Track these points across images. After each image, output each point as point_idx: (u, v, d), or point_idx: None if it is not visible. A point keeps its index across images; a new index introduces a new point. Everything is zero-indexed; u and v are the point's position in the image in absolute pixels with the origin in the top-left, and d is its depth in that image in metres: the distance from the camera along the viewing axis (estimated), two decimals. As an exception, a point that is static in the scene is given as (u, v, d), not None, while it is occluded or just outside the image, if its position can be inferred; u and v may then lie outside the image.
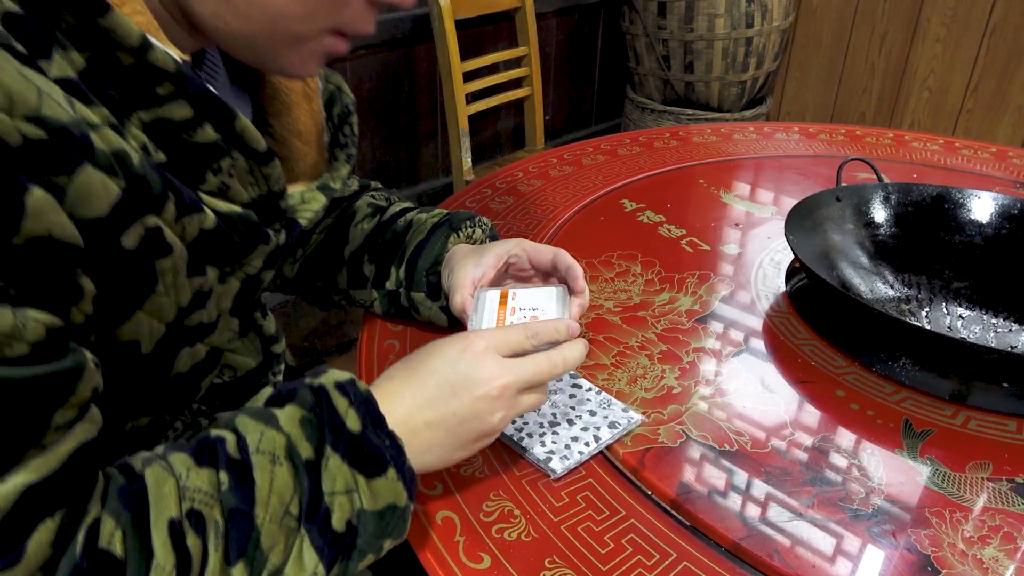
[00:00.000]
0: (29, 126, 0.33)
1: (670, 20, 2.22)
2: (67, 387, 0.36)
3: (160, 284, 0.43)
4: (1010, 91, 2.25)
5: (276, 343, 0.61)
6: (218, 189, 0.47)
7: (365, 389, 0.47)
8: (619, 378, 0.66)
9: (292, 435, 0.43)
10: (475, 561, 0.49)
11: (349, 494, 0.43)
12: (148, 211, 0.40)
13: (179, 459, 0.42)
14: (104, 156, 0.37)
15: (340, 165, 0.62)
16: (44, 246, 0.34)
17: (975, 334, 0.78)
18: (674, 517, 0.53)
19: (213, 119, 0.44)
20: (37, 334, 0.34)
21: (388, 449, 0.45)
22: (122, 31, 0.38)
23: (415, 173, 2.15)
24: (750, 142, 1.26)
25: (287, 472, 0.42)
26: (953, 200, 0.86)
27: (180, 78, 0.41)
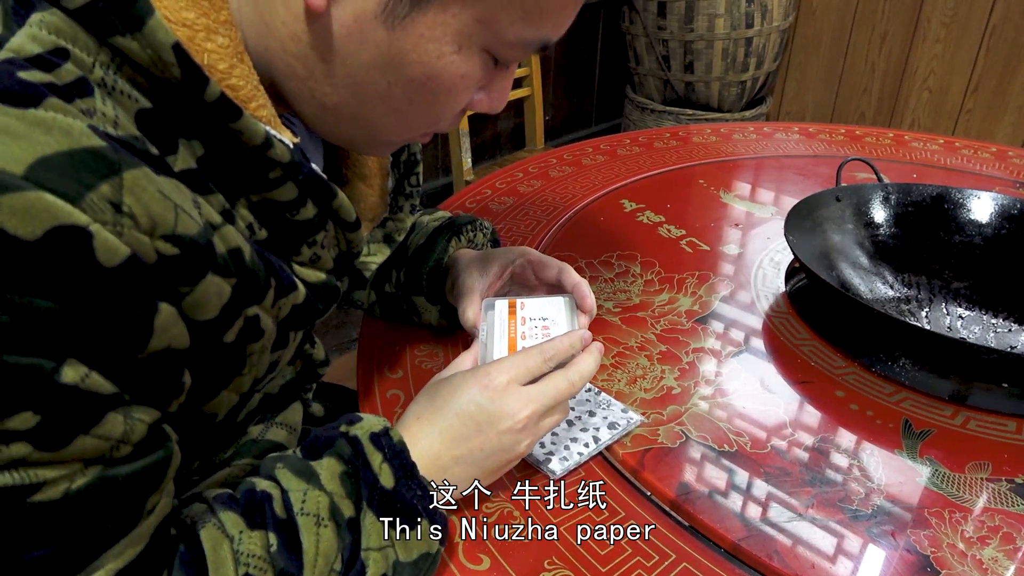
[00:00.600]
0: (166, 244, 0.35)
1: (670, 20, 2.22)
2: (160, 475, 0.38)
3: (246, 364, 0.45)
4: (1010, 91, 2.25)
5: (324, 366, 0.62)
6: (310, 260, 0.49)
7: (399, 440, 0.48)
8: (619, 379, 0.66)
9: (335, 494, 0.45)
10: (475, 562, 0.49)
11: (383, 550, 0.44)
12: (251, 303, 0.42)
13: (231, 520, 0.42)
14: (222, 258, 0.39)
15: (404, 216, 0.64)
16: (162, 357, 0.36)
17: (975, 334, 0.78)
18: (674, 518, 0.53)
19: (315, 197, 0.46)
20: (141, 435, 0.36)
21: (420, 500, 0.46)
22: (249, 132, 0.40)
23: (415, 173, 2.15)
24: (750, 142, 1.26)
25: (331, 533, 0.43)
26: (953, 200, 0.86)
27: (292, 166, 0.43)
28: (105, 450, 0.34)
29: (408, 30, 0.41)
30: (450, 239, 0.70)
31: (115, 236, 0.32)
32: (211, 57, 0.39)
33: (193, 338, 0.38)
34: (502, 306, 0.62)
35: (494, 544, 0.50)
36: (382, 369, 0.68)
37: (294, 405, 0.59)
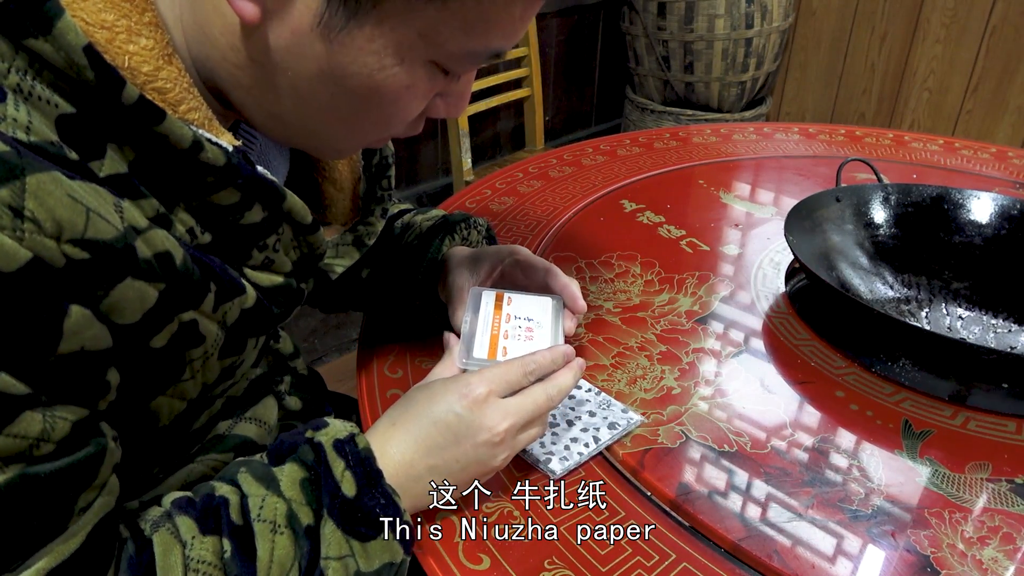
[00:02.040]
0: (75, 249, 0.34)
1: (670, 21, 2.22)
2: (91, 472, 0.37)
3: (187, 371, 0.44)
4: (1010, 92, 2.25)
5: (295, 359, 0.61)
6: (262, 263, 0.48)
7: (364, 447, 0.47)
8: (619, 379, 0.66)
9: (293, 501, 0.44)
10: (475, 562, 0.49)
11: (343, 560, 0.44)
12: (185, 308, 0.41)
13: (185, 524, 0.42)
14: (146, 262, 0.38)
15: (375, 220, 0.63)
16: (77, 358, 0.35)
17: (975, 335, 0.78)
18: (674, 518, 0.53)
19: (262, 199, 0.45)
20: (63, 432, 0.35)
21: (384, 509, 0.45)
22: (175, 136, 0.39)
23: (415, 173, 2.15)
24: (750, 143, 1.26)
25: (287, 540, 0.43)
26: (953, 201, 0.86)
27: (229, 169, 0.42)
28: (23, 448, 0.34)
29: (346, 43, 0.40)
30: (443, 239, 0.69)
31: (14, 241, 0.32)
32: (134, 60, 0.38)
33: (116, 340, 0.38)
34: (489, 298, 0.62)
35: (494, 544, 0.50)
36: (382, 369, 0.68)
37: (266, 400, 0.58)
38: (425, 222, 0.73)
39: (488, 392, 0.51)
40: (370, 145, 0.52)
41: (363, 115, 0.45)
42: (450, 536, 0.51)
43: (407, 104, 0.45)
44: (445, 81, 0.46)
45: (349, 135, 0.47)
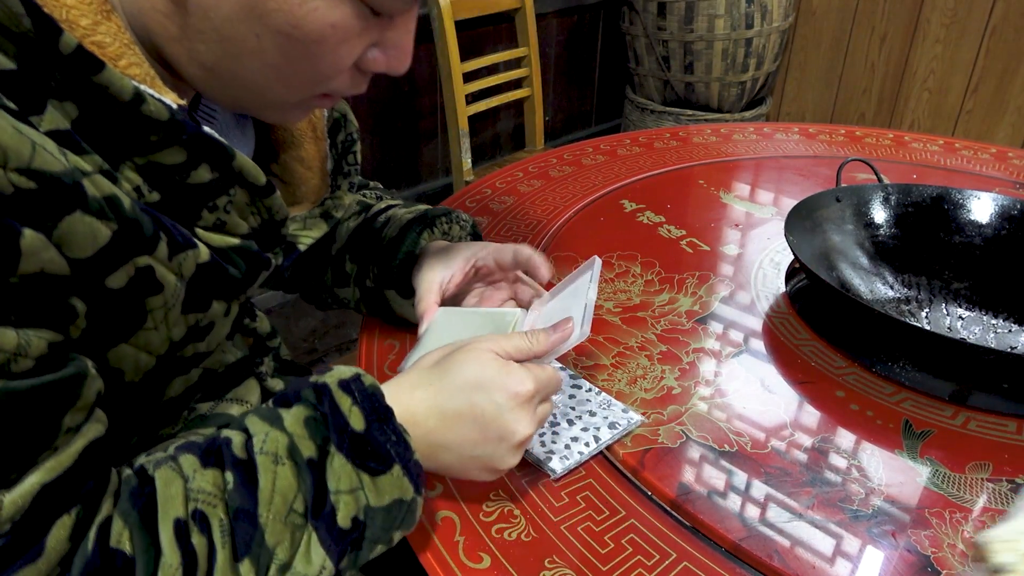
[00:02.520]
0: (21, 177, 0.34)
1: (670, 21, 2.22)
2: (73, 392, 0.38)
3: (149, 320, 0.44)
4: (1010, 92, 2.26)
5: (272, 338, 0.62)
6: (214, 224, 0.48)
7: (371, 384, 0.47)
8: (619, 378, 0.66)
9: (295, 435, 0.44)
10: (475, 561, 0.49)
11: (353, 492, 0.44)
12: (139, 252, 0.41)
13: (188, 460, 0.43)
14: (96, 201, 0.38)
15: (343, 194, 0.64)
16: (39, 280, 0.36)
17: (975, 335, 0.78)
18: (674, 517, 0.53)
19: (210, 159, 0.45)
20: (40, 349, 0.36)
21: (394, 445, 0.45)
22: (115, 87, 0.39)
23: (415, 173, 2.15)
24: (750, 143, 1.26)
25: (289, 471, 0.43)
26: (953, 201, 0.86)
27: (174, 125, 0.42)
28: (1, 361, 0.34)
29: None
30: (421, 231, 0.69)
31: None
32: (71, 13, 0.39)
33: (73, 271, 0.38)
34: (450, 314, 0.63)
35: (494, 543, 0.50)
36: (382, 369, 0.68)
37: (247, 382, 0.59)
38: (406, 215, 0.72)
39: (533, 393, 0.50)
40: (314, 105, 0.50)
41: (292, 58, 0.44)
42: (450, 535, 0.51)
43: (335, 46, 0.44)
44: (378, 26, 0.45)
45: (283, 85, 0.46)
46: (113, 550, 0.38)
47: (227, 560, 0.40)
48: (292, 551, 0.42)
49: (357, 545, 0.44)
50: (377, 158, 2.03)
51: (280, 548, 0.41)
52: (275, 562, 0.41)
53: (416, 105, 2.07)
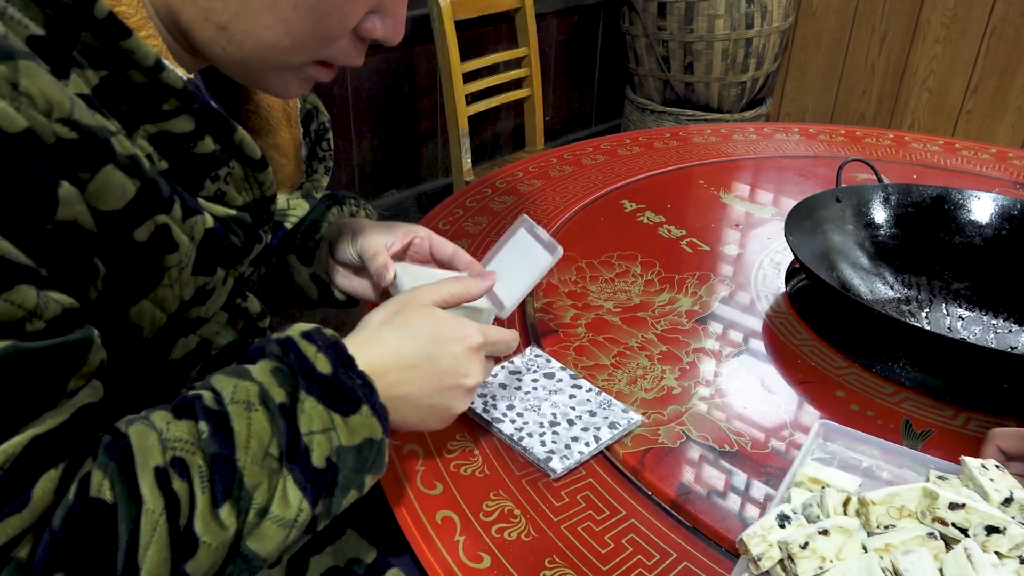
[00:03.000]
0: (64, 128, 0.37)
1: (670, 21, 2.22)
2: (81, 356, 0.39)
3: (166, 277, 0.46)
4: (1010, 92, 2.26)
5: (263, 319, 0.63)
6: (215, 195, 0.50)
7: (332, 334, 0.49)
8: (619, 379, 0.66)
9: (264, 383, 0.45)
10: (475, 561, 0.49)
11: (326, 432, 0.45)
12: (159, 210, 0.44)
13: (159, 416, 0.43)
14: (123, 157, 0.41)
15: (320, 177, 0.67)
16: (70, 231, 0.38)
17: (975, 335, 0.78)
18: (674, 517, 0.53)
19: (213, 131, 0.48)
20: (55, 312, 0.37)
21: (360, 388, 0.47)
22: (141, 53, 0.42)
23: (415, 173, 2.15)
24: (750, 143, 1.26)
25: (263, 416, 0.44)
26: (953, 201, 0.86)
27: (186, 95, 0.45)
28: (17, 317, 0.35)
29: None
30: (330, 206, 0.71)
31: (14, 109, 0.34)
32: None
33: (101, 228, 0.40)
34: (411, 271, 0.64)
35: (494, 543, 0.50)
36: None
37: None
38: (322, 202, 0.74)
39: (481, 345, 0.53)
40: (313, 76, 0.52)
41: (303, 13, 0.46)
42: (450, 535, 0.51)
43: (341, 4, 0.47)
44: None
45: (289, 43, 0.48)
46: (94, 499, 0.38)
47: (207, 504, 0.41)
48: (269, 494, 0.43)
49: (331, 490, 0.45)
50: (377, 158, 2.03)
51: (258, 492, 0.42)
52: (254, 505, 0.42)
53: (416, 105, 2.07)
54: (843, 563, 0.43)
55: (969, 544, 0.43)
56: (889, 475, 0.55)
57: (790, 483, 0.52)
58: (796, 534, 0.44)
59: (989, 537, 0.44)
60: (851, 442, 0.57)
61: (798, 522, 0.46)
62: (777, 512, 0.47)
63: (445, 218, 0.96)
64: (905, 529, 0.46)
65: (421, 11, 1.90)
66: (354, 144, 1.96)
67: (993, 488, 0.48)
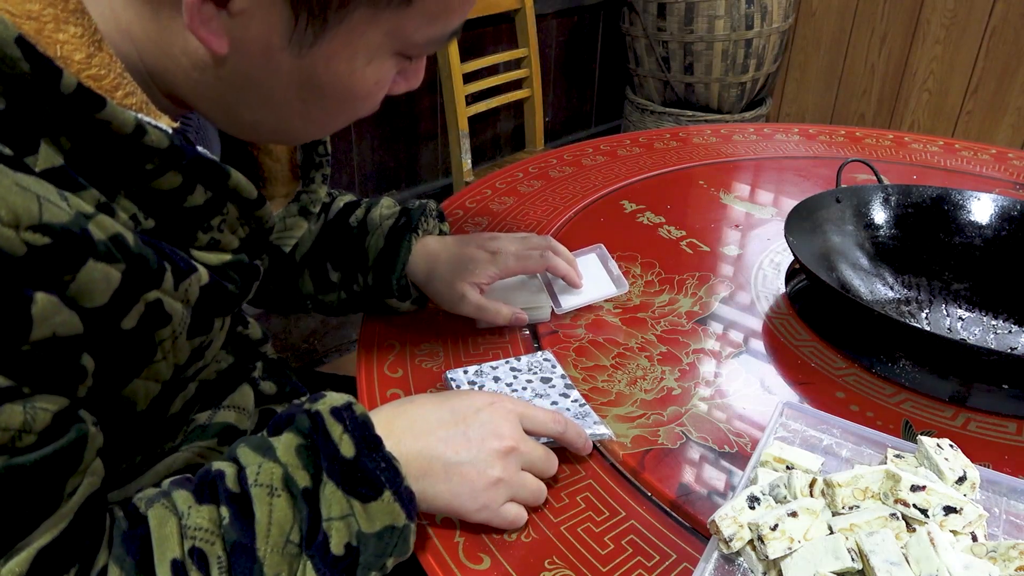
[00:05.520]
0: (34, 235, 0.34)
1: (670, 22, 2.22)
2: (76, 456, 0.38)
3: (159, 352, 0.44)
4: (1010, 93, 2.26)
5: (263, 344, 0.62)
6: (208, 244, 0.48)
7: (362, 412, 0.47)
8: (619, 379, 0.66)
9: (289, 465, 0.44)
10: (475, 561, 0.49)
11: (345, 519, 0.44)
12: (148, 287, 0.41)
13: (181, 497, 0.43)
14: (103, 244, 0.38)
15: (317, 187, 0.63)
16: (50, 344, 0.36)
17: (975, 335, 0.78)
18: (674, 518, 0.53)
19: (204, 180, 0.45)
20: (44, 422, 0.36)
21: (384, 472, 0.45)
22: (118, 122, 0.39)
23: (415, 174, 2.15)
24: (750, 143, 1.26)
25: (285, 502, 0.43)
26: (953, 202, 0.86)
27: (173, 152, 0.42)
28: (6, 440, 0.34)
29: (317, 56, 0.42)
30: (409, 238, 0.71)
31: None
32: (65, 48, 0.38)
33: (87, 325, 0.38)
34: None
35: (494, 543, 0.50)
36: (382, 369, 0.67)
37: (242, 388, 0.59)
38: (386, 221, 0.73)
39: (513, 409, 0.52)
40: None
41: (336, 113, 0.46)
42: (450, 536, 0.51)
43: (377, 96, 0.47)
44: (408, 63, 0.48)
45: (321, 129, 0.48)
46: None
47: None
48: None
49: (351, 572, 0.44)
50: (377, 159, 2.03)
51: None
52: None
53: (416, 106, 2.07)
54: (811, 543, 0.44)
55: (932, 527, 0.45)
56: (848, 453, 0.57)
57: (756, 463, 0.53)
58: (766, 515, 0.45)
59: (947, 517, 0.46)
60: (812, 421, 0.59)
61: (767, 503, 0.47)
62: (747, 494, 0.48)
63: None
64: (868, 509, 0.47)
65: (421, 12, 1.90)
66: (354, 144, 1.96)
67: (948, 467, 0.50)
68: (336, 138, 1.90)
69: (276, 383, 0.65)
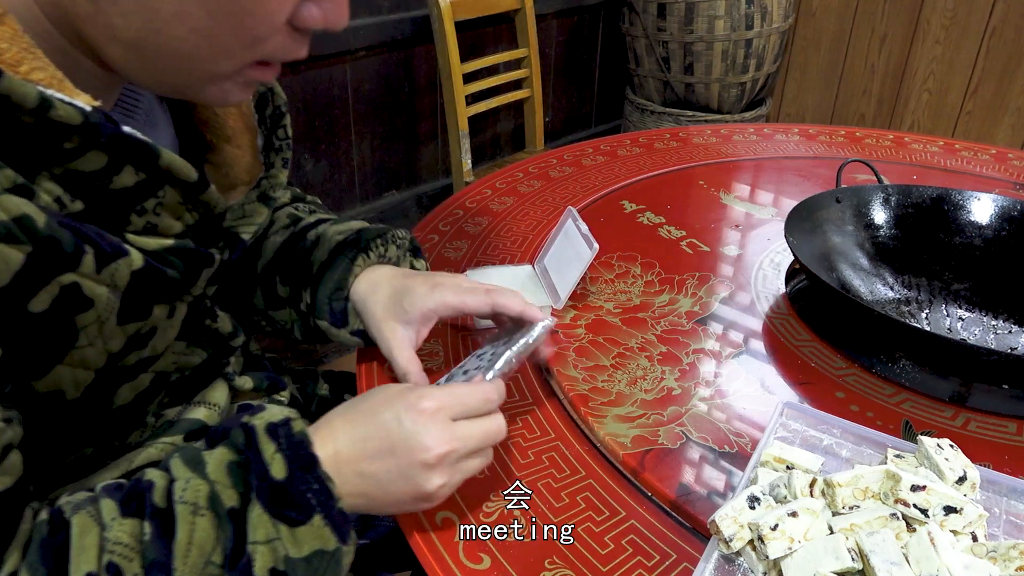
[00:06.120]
0: None
1: (670, 22, 2.22)
2: None
3: (82, 337, 0.42)
4: (1010, 93, 2.26)
5: (235, 338, 0.59)
6: (144, 228, 0.46)
7: (300, 430, 0.46)
8: (619, 379, 0.66)
9: (217, 483, 0.43)
10: (475, 561, 0.49)
11: (271, 543, 0.42)
12: (61, 270, 0.40)
13: (107, 507, 0.41)
14: (3, 227, 0.36)
15: (277, 172, 0.60)
16: None
17: (975, 336, 0.78)
18: (674, 518, 0.53)
19: (134, 160, 0.43)
20: None
21: (316, 494, 0.44)
22: (18, 95, 0.37)
23: (415, 174, 2.15)
24: (750, 143, 1.26)
25: (208, 522, 0.42)
26: (953, 202, 0.86)
27: (88, 129, 0.40)
28: None
29: None
30: (355, 257, 0.64)
31: None
32: None
33: None
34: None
35: (494, 544, 0.50)
36: (382, 369, 0.67)
37: (215, 384, 0.57)
38: (336, 236, 0.66)
39: (438, 408, 0.48)
40: (253, 78, 0.46)
41: (219, 19, 0.40)
42: (450, 536, 0.51)
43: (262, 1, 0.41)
44: None
45: (214, 53, 0.42)
46: None
47: None
48: None
49: None
50: (377, 159, 2.03)
51: None
52: None
53: (416, 106, 2.07)
54: (811, 543, 0.44)
55: (932, 528, 0.45)
56: (848, 453, 0.57)
57: (756, 463, 0.53)
58: (767, 516, 0.45)
59: (947, 517, 0.46)
60: (812, 421, 0.59)
61: (767, 503, 0.47)
62: (747, 494, 0.48)
63: (445, 219, 0.96)
64: (868, 509, 0.47)
65: (421, 11, 1.90)
66: (354, 144, 1.96)
67: (948, 467, 0.50)
68: (336, 138, 1.90)
69: (252, 378, 0.62)
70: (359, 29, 1.80)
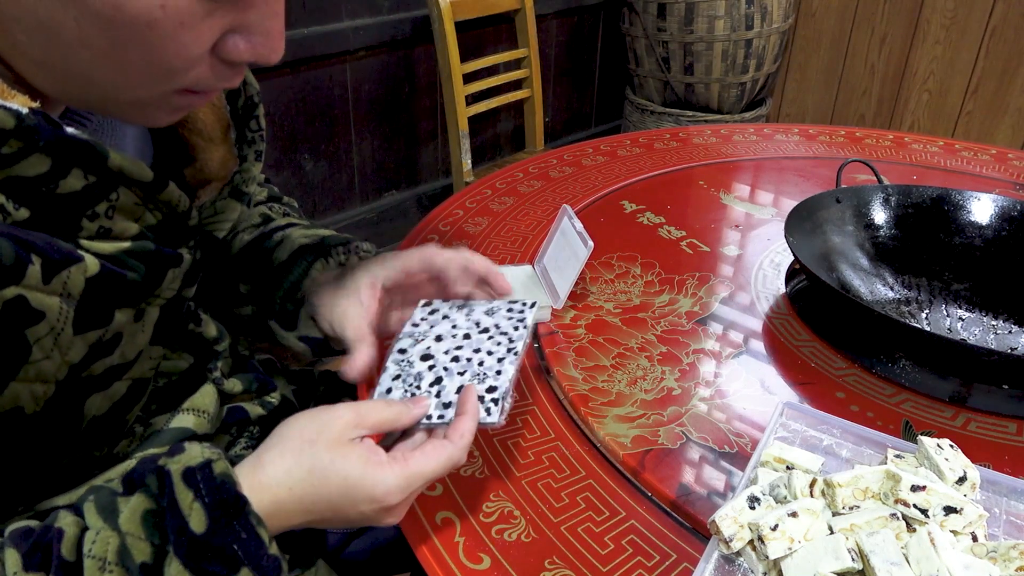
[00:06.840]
0: None
1: (670, 22, 2.22)
2: None
3: (37, 351, 0.40)
4: (1010, 93, 2.26)
5: (220, 342, 0.58)
6: (98, 233, 0.43)
7: (221, 472, 0.42)
8: (619, 379, 0.66)
9: (128, 535, 0.40)
10: (475, 561, 0.49)
11: None
12: (3, 284, 0.37)
13: (11, 558, 0.39)
14: None
15: (250, 165, 0.58)
16: None
17: (975, 336, 0.78)
18: (674, 518, 0.53)
19: (81, 163, 0.41)
20: None
21: (243, 544, 0.40)
22: None
23: (415, 174, 2.15)
24: (750, 143, 1.26)
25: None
26: (953, 202, 0.86)
27: (24, 132, 0.38)
28: None
29: None
30: (313, 261, 0.62)
31: None
32: None
33: None
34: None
35: (494, 544, 0.50)
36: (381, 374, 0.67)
37: (203, 388, 0.55)
38: (300, 239, 0.64)
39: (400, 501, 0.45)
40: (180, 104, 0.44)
41: (124, 47, 0.38)
42: (450, 536, 0.51)
43: (174, 32, 0.38)
44: (232, 8, 0.39)
45: (127, 78, 0.40)
46: None
47: None
48: None
49: None
50: (377, 159, 2.03)
51: None
52: None
53: (416, 106, 2.07)
54: (811, 543, 0.44)
55: (932, 528, 0.45)
56: (848, 453, 0.57)
57: (756, 463, 0.53)
58: (767, 516, 0.45)
59: (947, 517, 0.46)
60: (812, 421, 0.59)
61: (767, 503, 0.48)
62: (747, 494, 0.48)
63: (445, 219, 0.96)
64: (868, 510, 0.47)
65: (421, 12, 1.90)
66: (354, 144, 1.96)
67: (948, 467, 0.50)
68: (336, 138, 1.90)
69: (241, 380, 0.61)
70: (359, 29, 1.81)
